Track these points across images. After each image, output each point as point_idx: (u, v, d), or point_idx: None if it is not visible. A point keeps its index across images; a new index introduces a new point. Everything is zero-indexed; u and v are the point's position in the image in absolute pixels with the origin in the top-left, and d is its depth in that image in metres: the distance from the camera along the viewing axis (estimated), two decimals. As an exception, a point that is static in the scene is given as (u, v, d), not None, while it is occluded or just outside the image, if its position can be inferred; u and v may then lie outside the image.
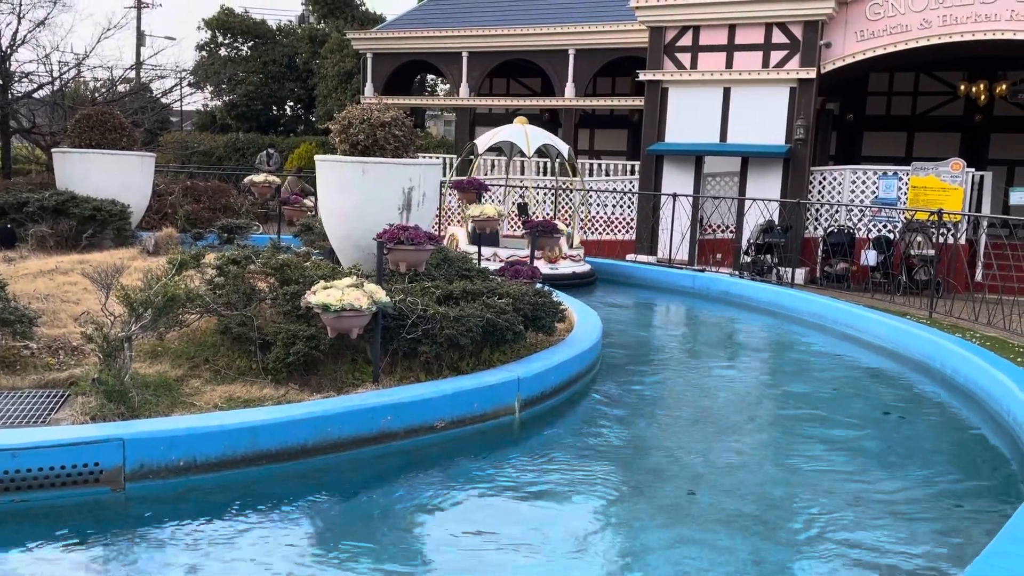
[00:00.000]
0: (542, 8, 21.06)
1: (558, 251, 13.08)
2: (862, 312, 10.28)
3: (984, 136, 19.99)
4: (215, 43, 36.10)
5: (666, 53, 16.84)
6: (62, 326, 6.68)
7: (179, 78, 26.23)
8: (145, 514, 4.46)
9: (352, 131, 7.67)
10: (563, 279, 12.68)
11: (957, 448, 6.19)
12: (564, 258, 13.32)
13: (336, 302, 5.57)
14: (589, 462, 5.52)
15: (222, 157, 29.87)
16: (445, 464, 5.46)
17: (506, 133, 14.36)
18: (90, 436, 4.60)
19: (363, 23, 31.96)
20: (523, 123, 14.22)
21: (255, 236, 12.56)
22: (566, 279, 12.81)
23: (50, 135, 18.54)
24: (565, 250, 13.35)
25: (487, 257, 12.15)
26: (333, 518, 4.61)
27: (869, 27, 15.43)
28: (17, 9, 17.72)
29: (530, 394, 6.36)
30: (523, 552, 4.24)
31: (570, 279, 12.98)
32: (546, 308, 7.11)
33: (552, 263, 12.91)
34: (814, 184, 16.38)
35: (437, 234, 7.54)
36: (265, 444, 5.00)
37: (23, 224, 10.45)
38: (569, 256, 13.51)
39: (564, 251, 13.30)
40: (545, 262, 12.62)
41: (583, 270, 13.63)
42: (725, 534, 4.46)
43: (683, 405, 6.97)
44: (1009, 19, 14.30)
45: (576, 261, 13.66)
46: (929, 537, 4.58)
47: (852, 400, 7.39)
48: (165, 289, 5.65)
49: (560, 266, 13.10)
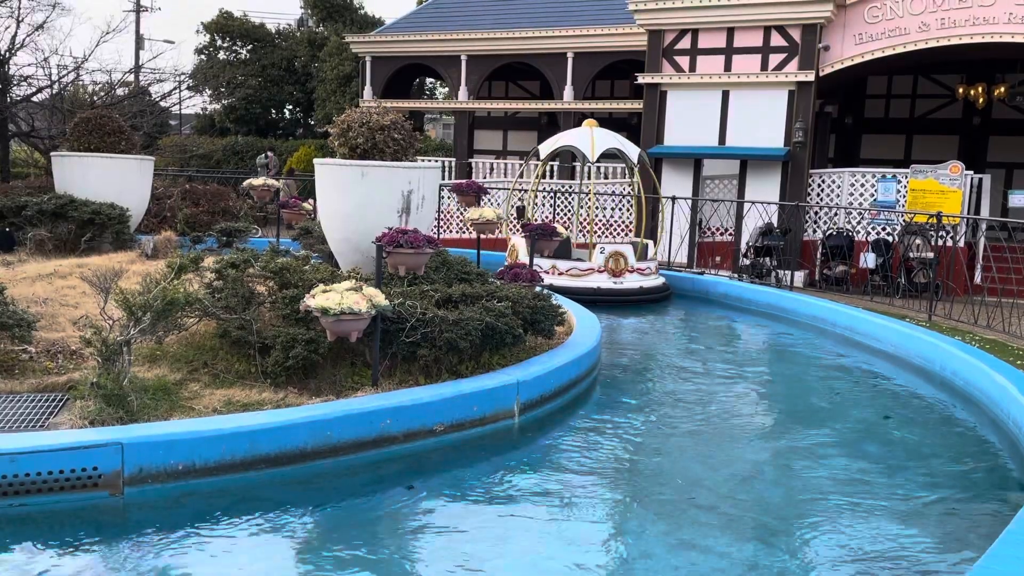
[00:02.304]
0: (540, 11, 21.08)
1: (623, 263, 12.05)
2: (862, 315, 10.28)
3: (982, 139, 20.00)
4: (214, 47, 36.15)
5: (665, 56, 16.85)
6: (61, 330, 6.67)
7: (178, 82, 26.26)
8: (143, 519, 4.45)
9: (351, 134, 7.67)
10: (628, 295, 11.81)
11: (957, 451, 6.18)
12: (631, 271, 12.12)
13: (335, 305, 5.56)
14: (589, 466, 5.51)
15: (221, 160, 29.88)
16: (444, 468, 5.45)
17: (569, 137, 13.17)
18: (89, 440, 4.58)
19: (362, 27, 31.99)
20: (592, 125, 12.94)
21: (254, 239, 12.54)
22: (632, 295, 11.88)
23: (49, 138, 18.55)
24: (632, 262, 12.16)
25: (546, 270, 11.54)
26: (332, 522, 4.59)
27: (867, 30, 15.45)
28: (16, 13, 17.73)
29: (529, 398, 6.35)
30: (522, 556, 4.23)
31: (636, 295, 11.98)
32: (545, 311, 7.10)
33: (616, 276, 11.98)
34: (813, 187, 16.39)
35: (436, 237, 7.51)
36: (264, 448, 4.99)
37: (22, 228, 10.44)
38: (637, 269, 12.23)
39: (631, 263, 12.13)
40: (608, 275, 11.92)
41: (652, 284, 12.38)
42: (725, 538, 4.45)
43: (683, 409, 6.96)
44: (1007, 22, 14.32)
45: (646, 274, 12.35)
46: (929, 541, 4.57)
47: (852, 403, 7.38)
48: (164, 293, 5.64)
49: (625, 279, 12.03)
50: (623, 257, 12.06)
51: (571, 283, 11.72)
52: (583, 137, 12.72)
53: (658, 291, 12.37)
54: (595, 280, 11.94)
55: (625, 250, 12.19)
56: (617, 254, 12.08)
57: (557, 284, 11.40)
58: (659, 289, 12.42)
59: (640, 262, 12.31)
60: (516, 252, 12.43)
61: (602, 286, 11.88)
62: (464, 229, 18.63)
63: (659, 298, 12.30)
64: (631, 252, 12.20)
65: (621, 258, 12.05)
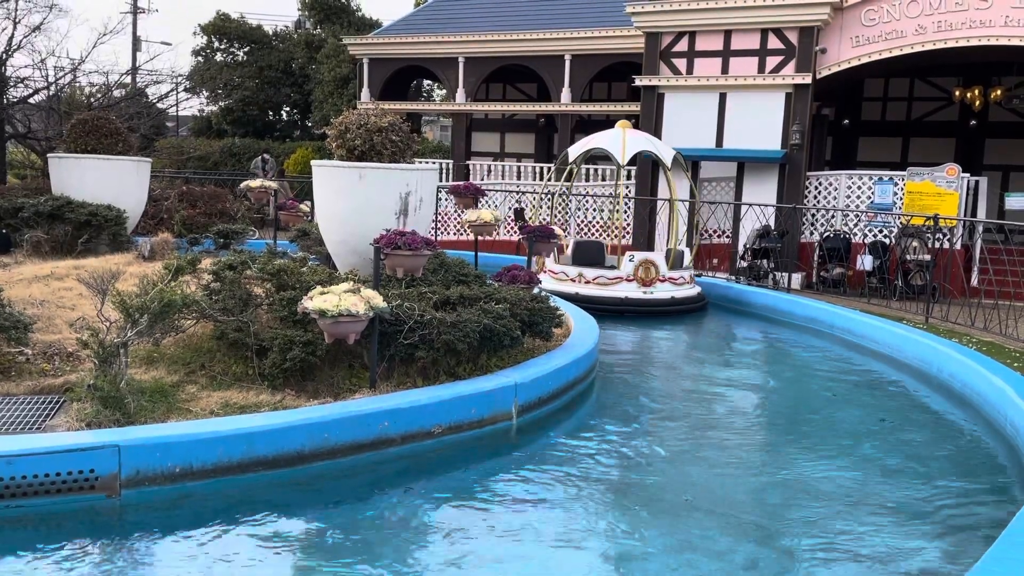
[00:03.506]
0: (538, 14, 21.10)
1: (653, 271, 11.40)
2: (859, 317, 10.28)
3: (979, 141, 20.04)
4: (211, 48, 36.13)
5: (662, 58, 16.86)
6: (57, 332, 6.66)
7: (175, 83, 26.25)
8: (140, 521, 4.44)
9: (349, 136, 7.66)
10: (658, 305, 11.23)
11: (954, 453, 6.19)
12: (661, 280, 11.46)
13: (333, 307, 5.55)
14: (587, 467, 5.50)
15: (218, 162, 29.85)
16: (442, 470, 5.44)
17: (600, 140, 12.56)
18: (85, 443, 4.57)
19: (359, 28, 31.99)
20: (625, 127, 12.40)
21: (251, 241, 12.52)
22: (662, 305, 11.27)
23: (46, 140, 18.52)
24: (663, 271, 11.50)
25: (572, 277, 11.38)
26: (330, 525, 4.58)
27: (864, 33, 15.48)
28: (12, 14, 17.71)
29: (527, 399, 6.35)
30: (521, 558, 4.22)
31: (666, 305, 11.33)
32: (543, 313, 7.10)
33: (645, 286, 11.34)
34: (810, 189, 16.41)
35: (434, 239, 7.50)
36: (261, 451, 4.98)
37: (18, 229, 10.43)
38: (669, 278, 11.56)
39: (662, 272, 11.48)
40: (638, 284, 11.37)
41: (685, 294, 11.69)
42: (723, 540, 4.45)
43: (681, 410, 6.96)
44: (1003, 25, 14.35)
45: (678, 284, 11.67)
46: (927, 543, 4.57)
47: (849, 405, 7.38)
48: (161, 295, 5.63)
49: (656, 289, 11.39)
50: (653, 265, 11.48)
51: (597, 292, 11.34)
52: (615, 139, 12.24)
53: (691, 302, 11.72)
54: (623, 289, 11.43)
55: (656, 258, 11.68)
56: (647, 262, 11.53)
57: (583, 293, 11.15)
58: (693, 300, 11.76)
59: (673, 271, 11.70)
60: (543, 261, 11.95)
61: (630, 296, 11.36)
62: (462, 231, 18.62)
63: (692, 309, 11.67)
64: (662, 260, 11.65)
65: (651, 266, 11.46)
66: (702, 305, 11.89)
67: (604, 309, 10.85)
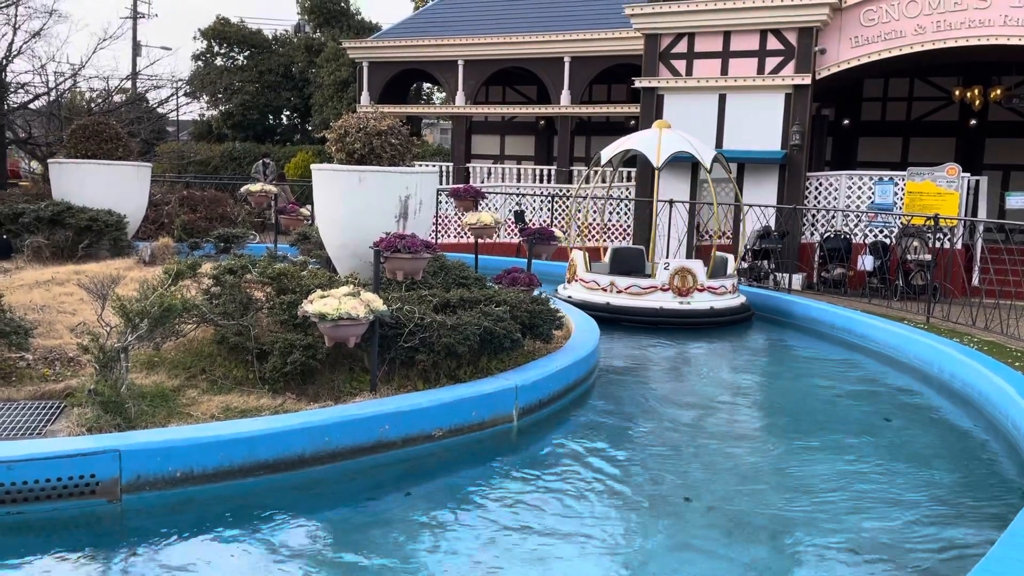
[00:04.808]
0: (537, 16, 21.11)
1: (690, 280, 10.69)
2: (860, 317, 10.27)
3: (979, 141, 20.04)
4: (211, 53, 36.15)
5: (661, 60, 16.87)
6: (58, 337, 6.66)
7: (175, 88, 26.28)
8: (141, 526, 4.44)
9: (348, 140, 7.67)
10: (695, 316, 10.55)
11: (956, 453, 6.18)
12: (700, 289, 10.73)
13: (333, 311, 5.55)
14: (587, 470, 5.50)
15: (218, 167, 29.89)
16: (443, 473, 5.44)
17: (634, 141, 11.94)
18: (86, 448, 4.57)
19: (359, 32, 32.03)
20: (662, 127, 11.77)
21: (252, 245, 12.54)
22: (699, 317, 10.56)
23: (46, 145, 18.55)
24: (701, 279, 10.76)
25: (603, 287, 10.84)
26: (331, 529, 4.58)
27: (863, 33, 15.48)
28: (12, 20, 17.74)
29: (528, 402, 6.34)
30: (521, 561, 4.22)
31: (705, 317, 10.59)
32: (543, 316, 7.10)
33: (683, 295, 10.65)
34: (810, 190, 16.41)
35: (434, 242, 7.50)
36: (262, 454, 4.98)
37: (19, 235, 10.43)
38: (708, 288, 10.80)
39: (700, 281, 10.75)
40: (674, 294, 10.68)
41: (726, 304, 10.88)
42: (724, 542, 4.44)
43: (681, 411, 6.95)
44: (1003, 24, 14.35)
45: (719, 293, 10.87)
46: (929, 543, 4.56)
47: (851, 406, 7.38)
48: (161, 299, 5.63)
49: (693, 299, 10.66)
50: (691, 274, 10.73)
51: (630, 302, 10.73)
52: (650, 140, 11.59)
53: (733, 312, 10.89)
54: (657, 299, 10.69)
55: (693, 266, 10.88)
56: (684, 270, 10.78)
57: (614, 304, 10.70)
58: (735, 311, 10.93)
59: (713, 280, 10.94)
60: (575, 267, 11.45)
61: (665, 306, 10.63)
62: (462, 234, 18.63)
63: (735, 320, 10.85)
64: (700, 268, 10.87)
65: (688, 275, 10.71)
66: (746, 316, 11.10)
67: (637, 321, 10.41)
